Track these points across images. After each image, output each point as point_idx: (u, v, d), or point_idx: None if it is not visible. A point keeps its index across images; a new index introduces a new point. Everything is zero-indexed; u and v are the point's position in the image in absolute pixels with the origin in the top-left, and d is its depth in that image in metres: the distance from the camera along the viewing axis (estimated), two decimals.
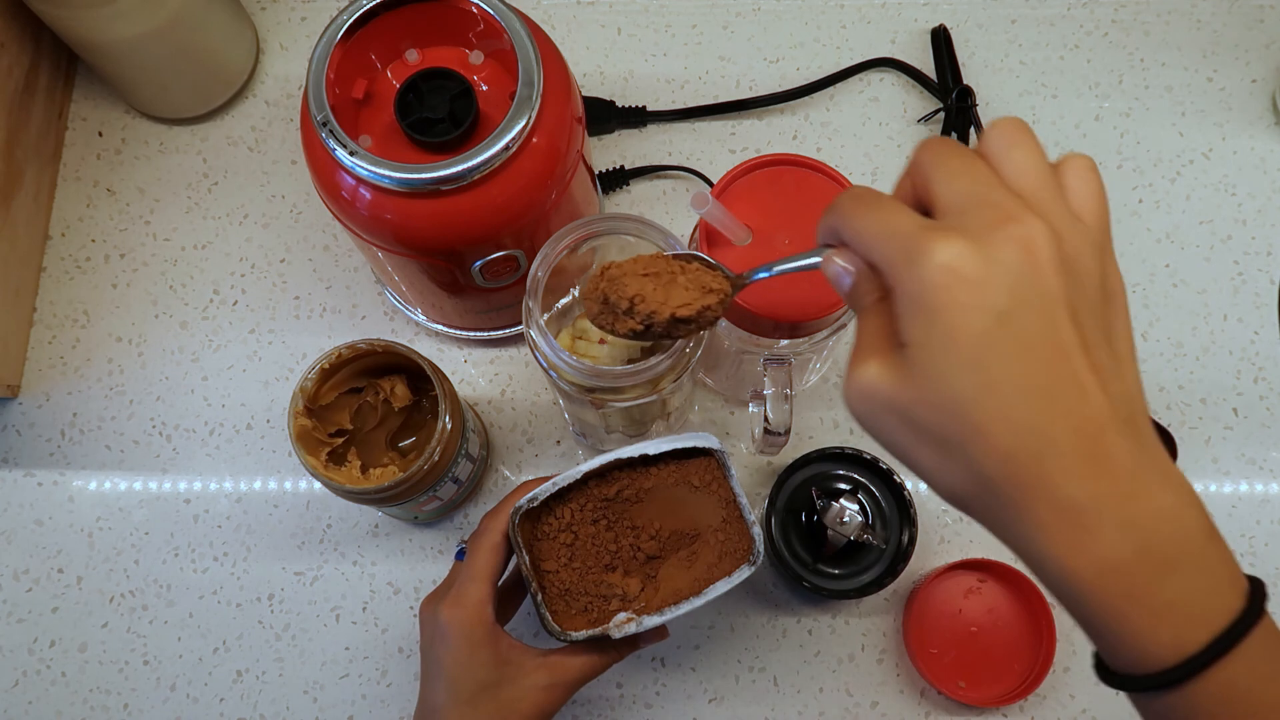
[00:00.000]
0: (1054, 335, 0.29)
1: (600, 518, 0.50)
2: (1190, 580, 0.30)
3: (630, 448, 0.49)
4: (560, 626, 0.48)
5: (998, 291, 0.28)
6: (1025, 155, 0.31)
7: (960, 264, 0.28)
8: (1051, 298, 0.29)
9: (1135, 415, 0.30)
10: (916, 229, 0.30)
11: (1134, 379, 0.31)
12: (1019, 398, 0.29)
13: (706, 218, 0.49)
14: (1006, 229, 0.29)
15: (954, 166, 0.31)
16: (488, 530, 0.49)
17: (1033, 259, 0.29)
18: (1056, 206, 0.30)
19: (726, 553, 0.49)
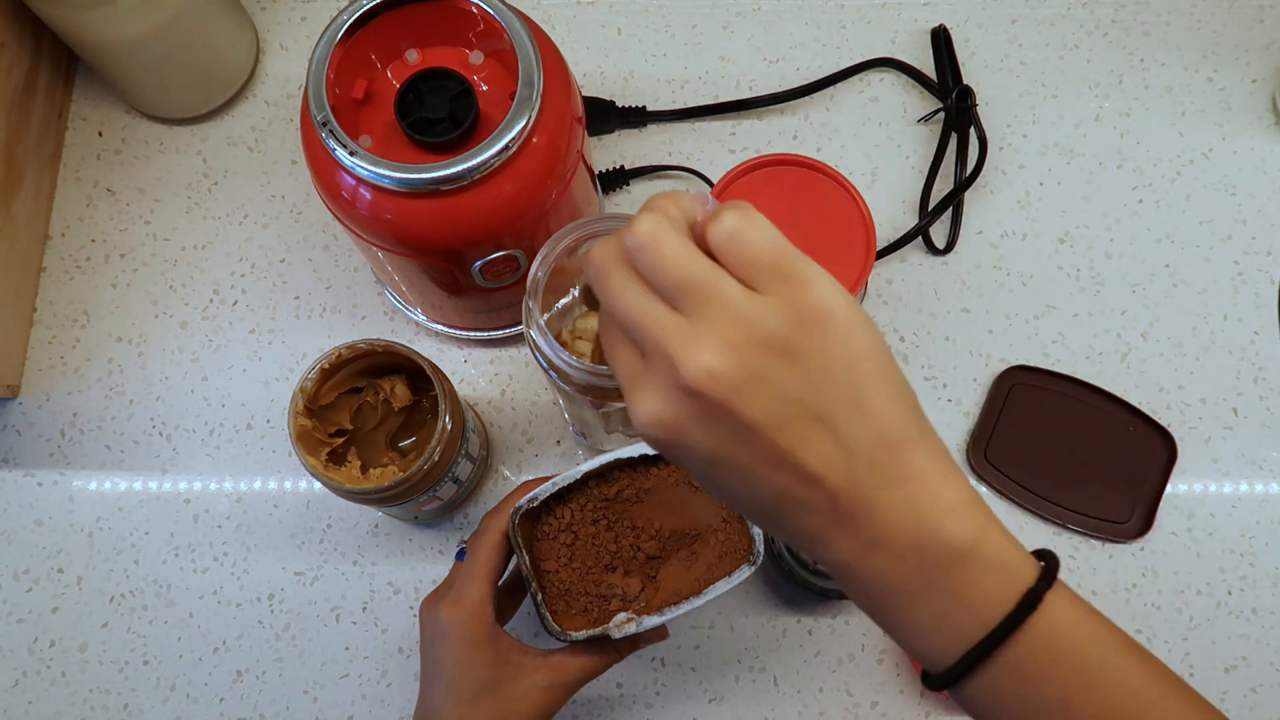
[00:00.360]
0: (768, 452, 0.30)
1: (600, 518, 0.50)
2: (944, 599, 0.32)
3: (630, 448, 0.49)
4: (560, 626, 0.48)
5: (699, 443, 0.31)
6: (650, 255, 0.30)
7: (659, 426, 0.31)
8: (751, 426, 0.30)
9: (886, 456, 0.31)
10: (624, 376, 0.32)
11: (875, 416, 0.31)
12: (762, 504, 0.32)
13: None
14: (676, 379, 0.30)
15: (604, 297, 0.32)
16: (488, 530, 0.49)
17: (709, 402, 0.30)
18: (716, 306, 0.30)
19: (726, 553, 0.49)
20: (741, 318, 0.30)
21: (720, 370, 0.29)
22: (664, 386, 0.30)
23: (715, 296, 0.30)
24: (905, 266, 0.67)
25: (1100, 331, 0.66)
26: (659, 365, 0.30)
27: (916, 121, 0.70)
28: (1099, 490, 0.63)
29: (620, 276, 0.31)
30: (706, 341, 0.29)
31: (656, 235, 0.30)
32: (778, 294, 0.30)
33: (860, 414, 0.31)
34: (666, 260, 0.30)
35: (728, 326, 0.30)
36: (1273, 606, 0.61)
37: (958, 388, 0.65)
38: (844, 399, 0.31)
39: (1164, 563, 0.62)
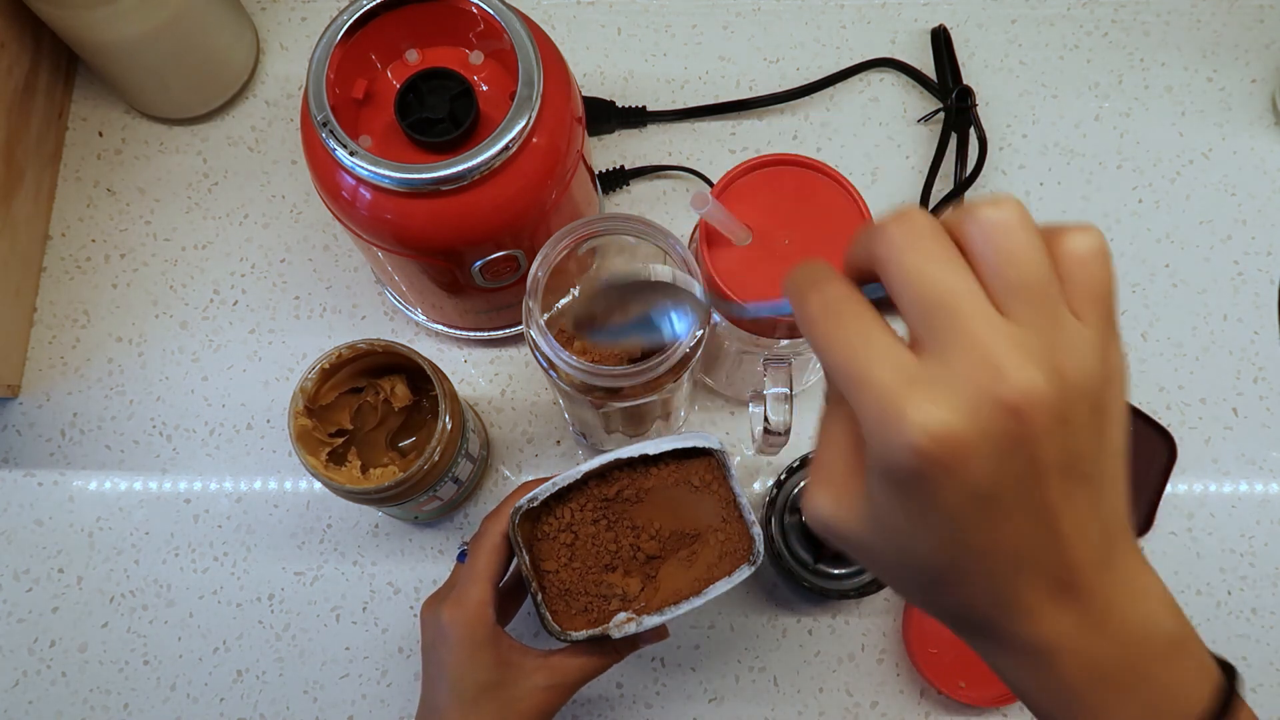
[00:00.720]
0: (1035, 503, 0.27)
1: (600, 518, 0.50)
2: (1153, 691, 0.30)
3: (630, 448, 0.49)
4: (560, 626, 0.48)
5: (981, 472, 0.25)
6: (1012, 242, 0.26)
7: (940, 441, 0.25)
8: (1038, 467, 0.26)
9: (1112, 540, 0.29)
10: (894, 384, 0.25)
11: (1115, 498, 0.29)
12: (992, 564, 0.28)
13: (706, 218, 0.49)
14: (993, 392, 0.25)
15: (912, 266, 0.26)
16: (488, 532, 0.49)
17: (1020, 429, 0.25)
18: (1050, 322, 0.26)
19: (727, 552, 0.49)
20: (1073, 348, 0.26)
21: (1048, 397, 0.25)
22: (970, 392, 0.25)
23: (1055, 314, 0.26)
24: None
25: None
26: (969, 367, 0.25)
27: (916, 121, 0.70)
28: None
29: (946, 251, 0.26)
30: (1040, 359, 0.25)
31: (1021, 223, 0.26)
32: (1100, 339, 0.27)
33: (1115, 490, 0.28)
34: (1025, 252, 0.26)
35: (1061, 351, 0.26)
36: (1273, 606, 0.61)
37: None
38: (1112, 469, 0.28)
39: (1164, 563, 0.62)
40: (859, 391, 0.26)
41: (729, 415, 0.66)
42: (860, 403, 0.26)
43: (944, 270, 0.26)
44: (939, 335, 0.26)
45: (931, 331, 0.26)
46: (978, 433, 0.25)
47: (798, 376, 0.63)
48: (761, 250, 0.51)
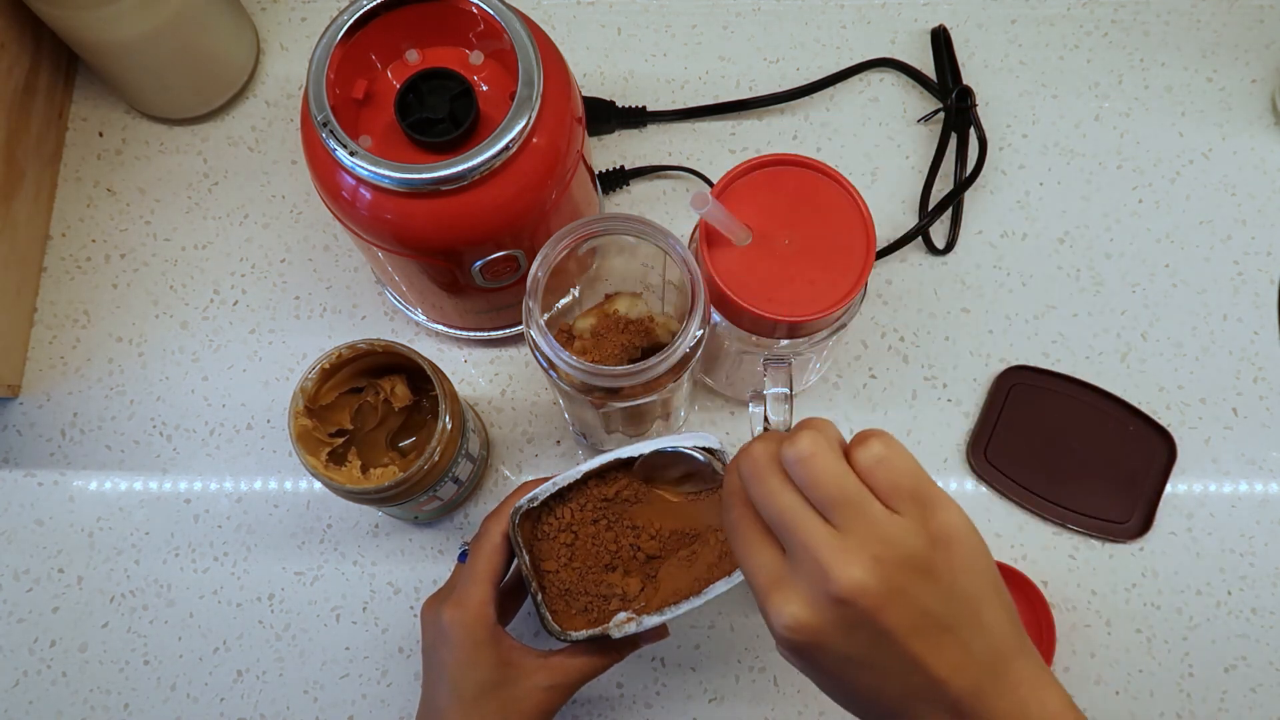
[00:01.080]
0: (901, 656, 0.34)
1: (600, 518, 0.50)
2: None
3: (630, 448, 0.49)
4: (560, 626, 0.48)
5: (837, 644, 0.34)
6: (812, 470, 0.34)
7: (797, 630, 0.34)
8: (890, 633, 0.34)
9: (1000, 664, 0.35)
10: (764, 582, 0.35)
11: (989, 630, 0.35)
12: (886, 703, 0.35)
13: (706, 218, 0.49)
14: (826, 589, 0.33)
15: (758, 496, 0.35)
16: (488, 532, 0.50)
17: (855, 611, 0.33)
18: (865, 521, 0.34)
19: (726, 552, 0.49)
20: (887, 536, 0.34)
21: (868, 584, 0.33)
22: (810, 592, 0.34)
23: (864, 514, 0.34)
24: (905, 266, 0.67)
25: (1100, 331, 0.66)
26: (807, 571, 0.34)
27: (916, 121, 0.70)
28: (1099, 490, 0.63)
29: (777, 480, 0.35)
30: (857, 555, 0.33)
31: (816, 451, 0.34)
32: (915, 516, 0.34)
33: (980, 627, 0.35)
34: (824, 474, 0.34)
35: (875, 543, 0.33)
36: (1273, 606, 0.61)
37: (958, 388, 0.65)
38: (967, 613, 0.35)
39: (1164, 563, 0.62)
40: (750, 580, 0.36)
41: (729, 415, 0.66)
42: (752, 584, 0.36)
43: (780, 496, 0.35)
44: (788, 545, 0.35)
45: (785, 543, 0.35)
46: (821, 620, 0.34)
47: (798, 376, 0.63)
48: (761, 250, 0.51)
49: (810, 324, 0.50)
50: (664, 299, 0.57)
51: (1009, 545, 0.63)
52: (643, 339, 0.55)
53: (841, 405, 0.65)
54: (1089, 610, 0.62)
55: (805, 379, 0.64)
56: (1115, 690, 0.60)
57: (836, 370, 0.66)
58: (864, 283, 0.50)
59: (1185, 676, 0.61)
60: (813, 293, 0.50)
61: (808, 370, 0.63)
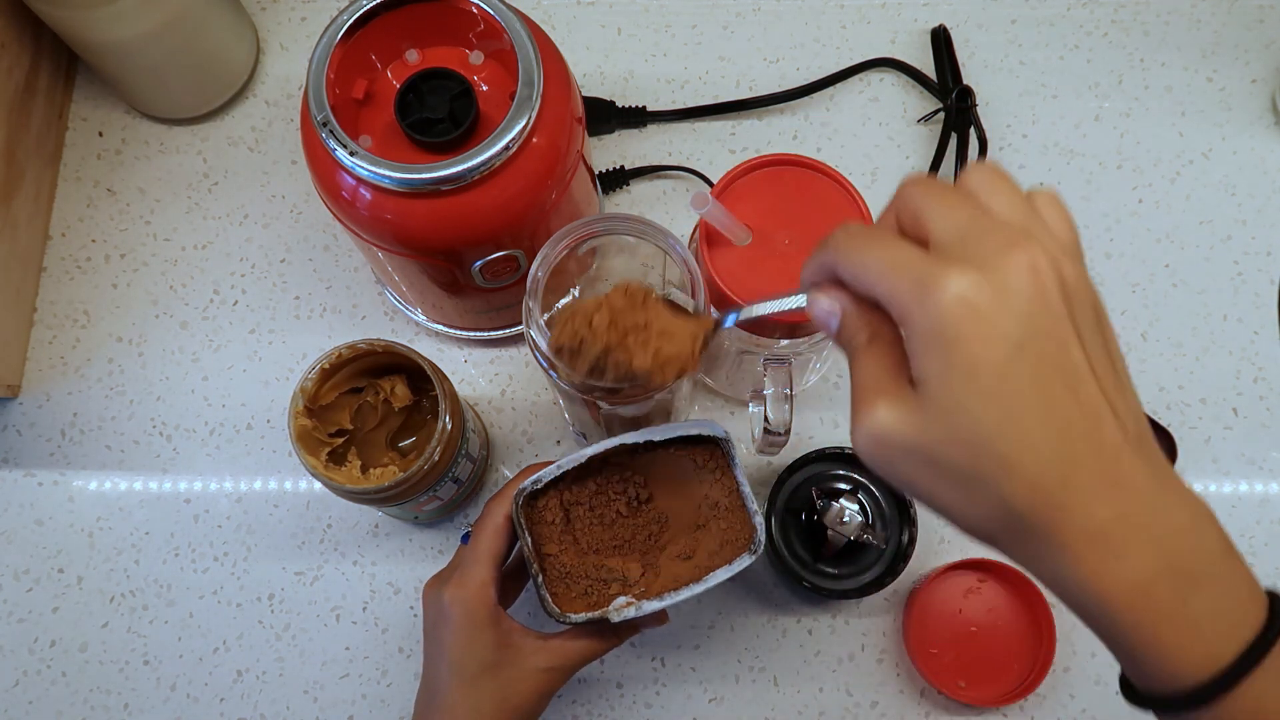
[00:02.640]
0: (1067, 362, 0.29)
1: (603, 502, 0.50)
2: (1215, 595, 0.30)
3: (636, 434, 0.49)
4: (560, 609, 0.48)
5: (1013, 321, 0.28)
6: (1009, 191, 0.31)
7: (974, 295, 0.28)
8: (1061, 323, 0.29)
9: (1143, 433, 0.31)
10: (925, 261, 0.29)
11: (1135, 397, 0.31)
12: (1041, 427, 0.29)
13: (706, 218, 0.49)
14: (1013, 255, 0.29)
15: (948, 201, 0.31)
16: (491, 514, 0.50)
17: (1040, 285, 0.29)
18: (1046, 235, 0.30)
19: (728, 540, 0.49)
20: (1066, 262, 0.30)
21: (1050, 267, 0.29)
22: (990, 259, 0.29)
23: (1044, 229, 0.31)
24: None
25: None
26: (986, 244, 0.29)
27: (916, 121, 0.70)
28: None
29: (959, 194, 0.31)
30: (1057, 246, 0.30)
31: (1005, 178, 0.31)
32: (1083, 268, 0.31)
33: (1133, 391, 0.31)
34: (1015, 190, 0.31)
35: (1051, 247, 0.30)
36: None
37: None
38: (1124, 371, 0.31)
39: None
40: (898, 274, 0.30)
41: (729, 415, 0.66)
42: (899, 281, 0.30)
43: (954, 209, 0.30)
44: (963, 232, 0.30)
45: (957, 230, 0.30)
46: (1003, 288, 0.28)
47: (798, 376, 0.63)
48: (761, 250, 0.51)
49: (810, 324, 0.51)
50: None
51: None
52: None
53: (841, 405, 0.65)
54: None
55: (805, 379, 0.64)
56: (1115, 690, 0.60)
57: (836, 370, 0.66)
58: None
59: None
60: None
61: (808, 370, 0.63)
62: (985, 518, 0.31)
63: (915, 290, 0.29)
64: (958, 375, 0.29)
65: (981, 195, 0.31)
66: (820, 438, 0.65)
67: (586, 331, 0.43)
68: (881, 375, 0.31)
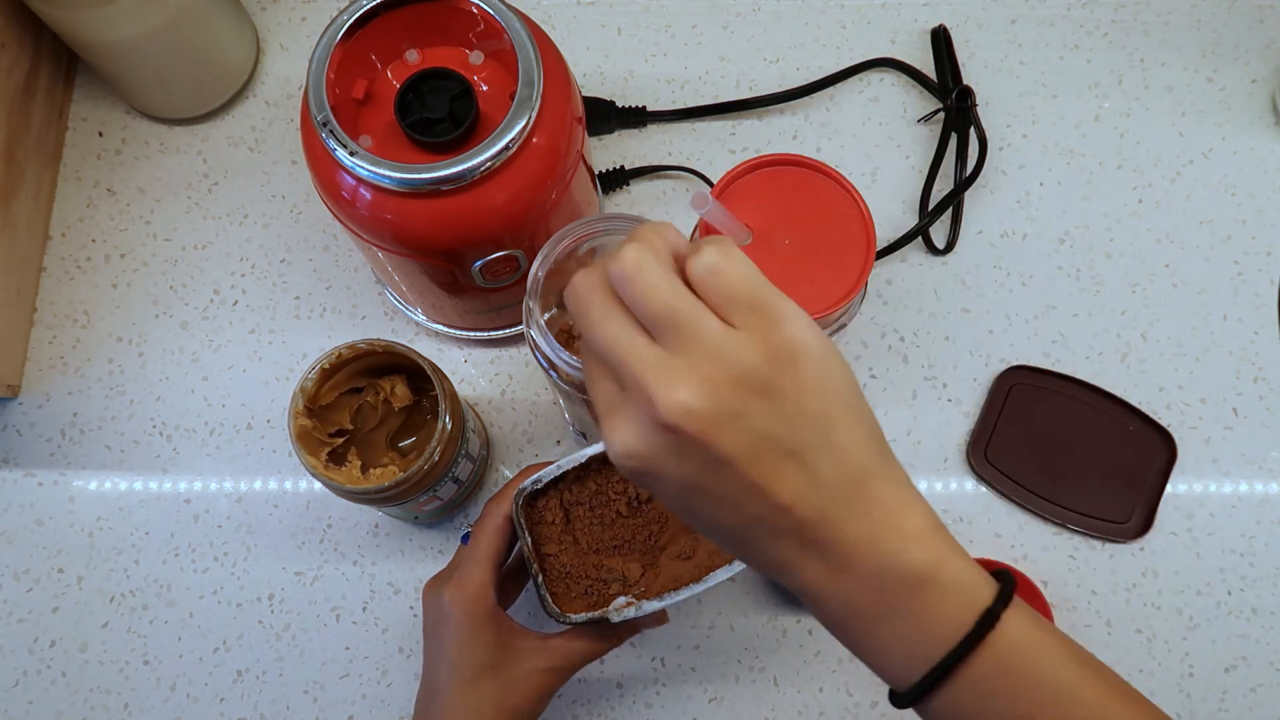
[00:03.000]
0: (741, 483, 0.31)
1: (602, 502, 0.50)
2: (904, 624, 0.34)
3: None
4: (560, 609, 0.48)
5: (673, 473, 0.31)
6: (636, 286, 0.31)
7: (632, 457, 0.31)
8: (725, 459, 0.31)
9: (852, 488, 0.32)
10: (600, 409, 0.33)
11: (839, 453, 0.32)
12: (733, 533, 0.33)
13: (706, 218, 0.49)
14: (653, 417, 0.30)
15: (590, 320, 0.32)
16: (490, 515, 0.50)
17: (685, 437, 0.30)
18: (694, 339, 0.31)
19: None
20: (719, 354, 0.30)
21: (695, 407, 0.30)
22: (639, 420, 0.31)
23: (695, 331, 0.31)
24: (905, 266, 0.67)
25: (1100, 331, 0.66)
26: (635, 398, 0.31)
27: (916, 121, 0.70)
28: (1099, 490, 0.63)
29: (601, 306, 0.32)
30: (684, 377, 0.30)
31: (641, 266, 0.31)
32: (754, 330, 0.31)
33: (830, 449, 0.32)
34: (649, 292, 0.31)
35: (705, 362, 0.30)
36: (1273, 606, 0.61)
37: (958, 388, 0.65)
38: (815, 435, 0.32)
39: (1164, 563, 0.62)
40: (592, 399, 0.33)
41: None
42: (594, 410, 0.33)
43: (605, 323, 0.32)
44: (617, 372, 0.32)
45: (614, 370, 0.32)
46: (651, 449, 0.31)
47: None
48: (761, 250, 0.51)
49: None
50: None
51: (1009, 545, 0.63)
52: None
53: None
54: (1089, 610, 0.62)
55: None
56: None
57: None
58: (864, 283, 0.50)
59: (1185, 676, 0.61)
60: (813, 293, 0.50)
61: None
62: None
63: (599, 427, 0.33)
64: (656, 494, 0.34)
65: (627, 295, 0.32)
66: None
67: None
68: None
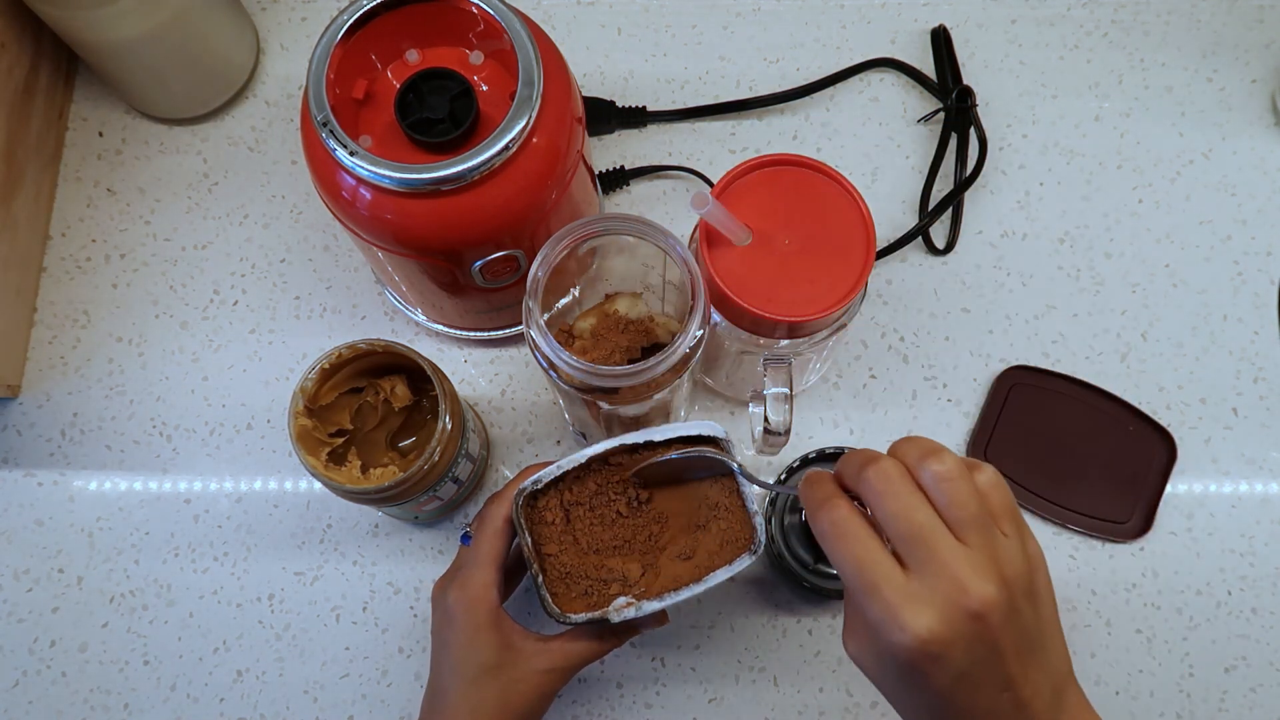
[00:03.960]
0: (998, 676, 0.36)
1: (602, 502, 0.50)
2: None
3: (636, 434, 0.49)
4: (560, 609, 0.48)
5: (958, 659, 0.35)
6: (957, 489, 0.36)
7: (927, 643, 0.35)
8: (997, 651, 0.36)
9: (1061, 690, 0.38)
10: (893, 596, 0.35)
11: (1058, 654, 0.39)
12: (961, 713, 0.37)
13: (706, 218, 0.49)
14: (962, 603, 0.35)
15: (895, 510, 0.36)
16: (491, 516, 0.51)
17: (984, 626, 0.35)
18: (990, 540, 0.36)
19: (728, 540, 0.49)
20: (1005, 557, 0.36)
21: (999, 600, 0.35)
22: (946, 605, 0.35)
23: (990, 535, 0.36)
24: (905, 266, 0.67)
25: (1100, 331, 0.66)
26: (944, 585, 0.35)
27: (916, 121, 0.70)
28: (1099, 490, 0.63)
29: (915, 496, 0.36)
30: (989, 573, 0.35)
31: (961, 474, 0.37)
32: (1017, 539, 0.37)
33: (1052, 651, 0.38)
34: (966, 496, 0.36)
35: (999, 563, 0.36)
36: (1273, 606, 0.61)
37: (958, 388, 0.65)
38: (1048, 635, 0.38)
39: (1164, 563, 0.62)
40: (869, 599, 0.36)
41: (729, 415, 0.66)
42: (869, 607, 0.36)
43: (915, 511, 0.36)
44: (919, 559, 0.36)
45: (913, 557, 0.36)
46: (953, 633, 0.35)
47: (798, 377, 0.63)
48: (761, 250, 0.51)
49: (810, 324, 0.51)
50: (664, 299, 0.57)
51: None
52: (643, 339, 0.55)
53: (841, 405, 0.65)
54: (1089, 610, 0.62)
55: (805, 379, 0.64)
56: (1115, 690, 0.60)
57: (836, 370, 0.66)
58: (864, 283, 0.50)
59: (1185, 676, 0.61)
60: (813, 293, 0.50)
61: (808, 370, 0.63)
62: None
63: (880, 622, 0.36)
64: (904, 690, 0.37)
65: (931, 492, 0.36)
66: (820, 438, 0.65)
67: None
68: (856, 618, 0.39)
